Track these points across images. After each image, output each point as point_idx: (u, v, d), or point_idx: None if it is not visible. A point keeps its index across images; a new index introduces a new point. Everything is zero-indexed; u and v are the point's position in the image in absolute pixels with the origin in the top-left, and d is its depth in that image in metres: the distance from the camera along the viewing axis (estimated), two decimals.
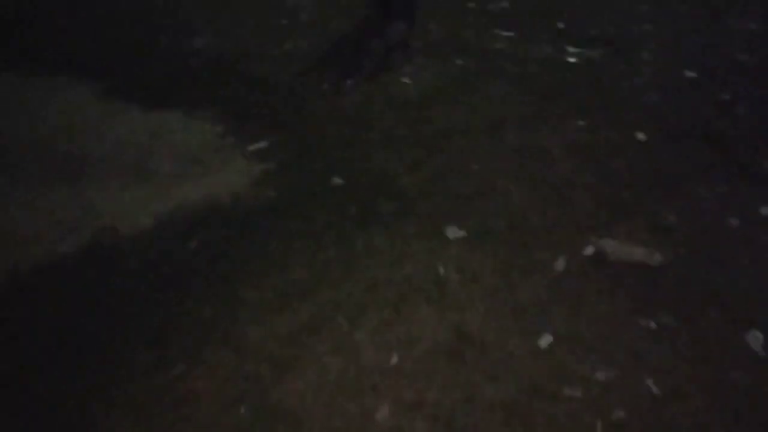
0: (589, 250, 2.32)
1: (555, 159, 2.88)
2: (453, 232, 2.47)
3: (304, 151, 3.08)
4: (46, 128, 3.31)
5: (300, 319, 2.11)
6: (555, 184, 2.71)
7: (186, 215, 2.64)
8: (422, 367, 1.93)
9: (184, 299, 2.21)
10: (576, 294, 2.15)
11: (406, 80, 3.69)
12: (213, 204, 2.70)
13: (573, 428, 1.77)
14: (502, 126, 3.17)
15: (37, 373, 1.97)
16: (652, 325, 2.02)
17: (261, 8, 4.92)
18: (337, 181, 2.82)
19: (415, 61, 3.90)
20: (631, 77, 3.58)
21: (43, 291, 2.27)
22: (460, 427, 1.78)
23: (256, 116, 3.42)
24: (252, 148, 3.14)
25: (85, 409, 1.87)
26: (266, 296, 2.21)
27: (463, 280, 2.23)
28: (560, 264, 2.27)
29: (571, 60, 3.84)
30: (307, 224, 2.54)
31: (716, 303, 2.08)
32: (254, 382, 1.92)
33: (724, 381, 1.87)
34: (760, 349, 1.92)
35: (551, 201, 2.62)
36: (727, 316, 2.04)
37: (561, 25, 4.35)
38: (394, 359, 1.95)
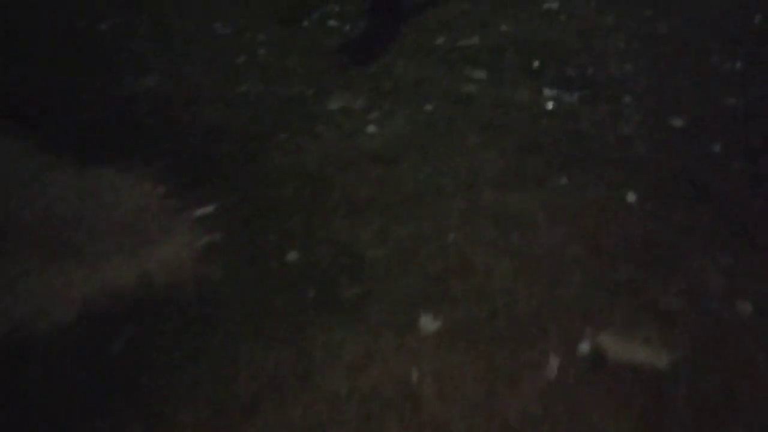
0: (585, 348, 2.00)
1: (538, 226, 2.57)
2: (427, 323, 2.13)
3: (256, 216, 2.72)
4: None
5: None
6: (540, 259, 2.40)
7: (114, 304, 2.26)
8: None
9: (101, 419, 1.83)
10: (572, 409, 1.82)
11: (372, 129, 3.36)
12: (147, 289, 2.32)
13: None
14: (478, 185, 2.85)
15: None
16: None
17: (216, 44, 4.56)
18: (294, 256, 2.47)
19: (382, 107, 3.58)
20: (615, 126, 3.31)
21: None
22: None
23: (204, 173, 3.05)
24: (197, 213, 2.76)
25: None
26: (203, 416, 1.84)
27: (440, 390, 1.88)
28: (552, 367, 1.94)
29: (549, 105, 3.55)
30: (257, 315, 2.18)
31: (737, 422, 1.77)
32: None
33: None
34: None
35: (537, 280, 2.30)
36: None
37: (536, 64, 4.07)
38: None
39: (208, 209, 2.78)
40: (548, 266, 2.36)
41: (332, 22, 4.89)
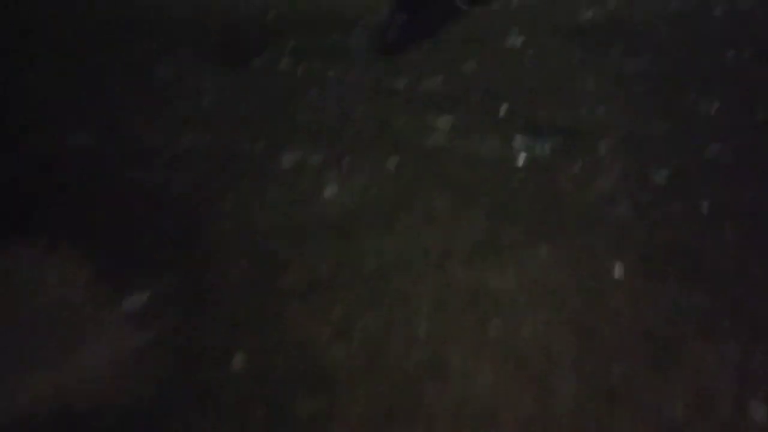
0: None
1: (519, 313, 2.28)
2: None
3: (197, 307, 2.37)
4: None
5: None
6: (524, 356, 2.10)
7: None
8: None
9: None
10: None
11: (329, 192, 3.03)
12: (63, 414, 1.94)
13: None
14: (449, 259, 2.55)
15: None
16: None
17: (156, 90, 4.18)
18: (240, 361, 2.12)
19: (340, 163, 3.27)
20: (593, 182, 3.05)
21: None
22: None
23: (139, 250, 2.69)
24: (128, 304, 2.40)
25: None
26: None
27: None
28: None
29: (521, 157, 3.29)
30: None
31: None
32: None
33: None
34: None
35: (524, 386, 2.00)
36: None
37: (503, 109, 3.81)
38: None
39: (142, 298, 2.41)
40: (534, 366, 2.07)
41: (285, 62, 4.56)
